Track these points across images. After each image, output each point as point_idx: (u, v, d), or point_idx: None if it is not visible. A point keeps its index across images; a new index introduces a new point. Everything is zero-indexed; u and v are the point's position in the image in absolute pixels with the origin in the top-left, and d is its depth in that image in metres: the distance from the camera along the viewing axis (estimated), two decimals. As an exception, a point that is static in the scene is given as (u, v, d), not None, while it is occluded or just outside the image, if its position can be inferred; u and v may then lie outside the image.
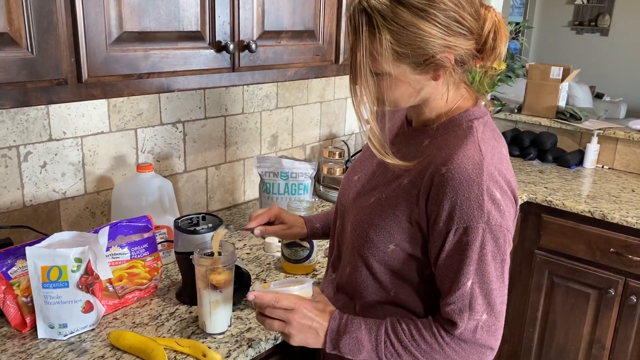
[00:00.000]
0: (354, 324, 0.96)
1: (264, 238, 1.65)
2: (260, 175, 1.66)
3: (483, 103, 0.97)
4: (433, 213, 0.89)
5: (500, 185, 0.88)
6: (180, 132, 1.71)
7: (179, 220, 1.28)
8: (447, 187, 0.87)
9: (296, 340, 0.98)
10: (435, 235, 0.90)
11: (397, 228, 0.94)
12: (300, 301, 0.98)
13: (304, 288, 1.01)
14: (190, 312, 1.25)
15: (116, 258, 1.24)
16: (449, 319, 0.92)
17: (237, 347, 1.13)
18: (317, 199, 2.00)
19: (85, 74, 1.03)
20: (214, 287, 1.12)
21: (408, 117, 1.05)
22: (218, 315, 1.15)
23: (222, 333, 1.17)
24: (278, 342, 1.20)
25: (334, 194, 2.00)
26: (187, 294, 1.28)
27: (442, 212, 0.88)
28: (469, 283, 0.89)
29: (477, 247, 0.87)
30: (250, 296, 0.98)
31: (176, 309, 1.26)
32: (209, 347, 1.11)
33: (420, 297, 0.99)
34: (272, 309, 0.97)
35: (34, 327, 1.15)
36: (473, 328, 0.91)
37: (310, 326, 0.97)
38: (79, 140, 1.47)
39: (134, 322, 1.20)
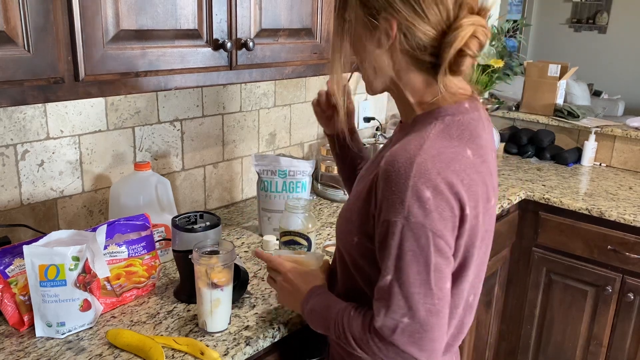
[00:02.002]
0: (320, 299, 1.02)
1: (261, 235, 1.65)
2: (258, 174, 1.66)
3: (467, 105, 0.92)
4: (377, 206, 0.89)
5: (434, 185, 0.82)
6: (178, 130, 1.71)
7: (177, 219, 1.28)
8: (381, 180, 0.86)
9: (280, 300, 1.16)
10: (375, 228, 0.91)
11: (358, 221, 0.94)
12: (289, 267, 1.11)
13: (305, 257, 1.14)
14: (188, 310, 1.25)
15: (114, 256, 1.24)
16: (375, 315, 0.91)
17: (235, 345, 1.13)
18: (315, 197, 2.00)
19: (82, 73, 1.03)
20: (215, 286, 1.13)
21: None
22: (219, 313, 1.15)
23: (223, 331, 1.17)
24: (276, 340, 1.20)
25: (332, 192, 2.00)
26: (185, 292, 1.28)
27: (377, 204, 0.88)
28: (388, 278, 0.86)
29: (396, 242, 0.84)
30: (257, 251, 1.14)
31: (174, 307, 1.26)
32: (207, 345, 1.11)
33: None
34: (269, 268, 1.14)
35: (31, 326, 1.15)
36: (392, 327, 0.87)
37: (290, 291, 1.09)
38: (76, 138, 1.47)
39: (131, 321, 1.20)
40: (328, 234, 1.69)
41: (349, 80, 1.15)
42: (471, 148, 0.89)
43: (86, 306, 1.15)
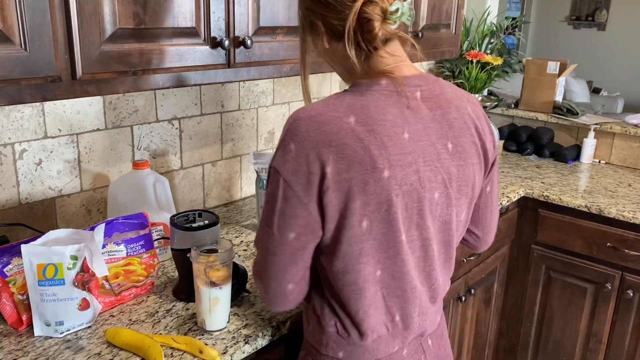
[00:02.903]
0: None
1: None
2: (256, 172, 1.66)
3: (384, 82, 0.95)
4: None
5: (300, 140, 0.89)
6: (177, 128, 1.71)
7: (175, 217, 1.28)
8: None
9: None
10: None
11: None
12: None
13: None
14: (187, 309, 1.25)
15: (112, 255, 1.24)
16: None
17: (234, 344, 1.13)
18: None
19: (79, 71, 1.03)
20: (213, 284, 1.12)
21: None
22: (217, 312, 1.15)
23: (221, 330, 1.17)
24: (275, 338, 1.20)
25: (331, 190, 1.99)
26: (184, 290, 1.28)
27: None
28: (261, 211, 1.00)
29: (267, 182, 0.96)
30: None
31: (173, 306, 1.26)
32: (206, 344, 1.11)
33: None
34: None
35: (30, 325, 1.15)
36: (255, 253, 1.02)
37: None
38: (74, 137, 1.46)
39: (130, 319, 1.20)
40: (327, 232, 1.69)
41: None
42: (357, 116, 0.91)
43: (85, 305, 1.14)
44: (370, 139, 0.89)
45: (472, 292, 2.09)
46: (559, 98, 2.84)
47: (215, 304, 1.14)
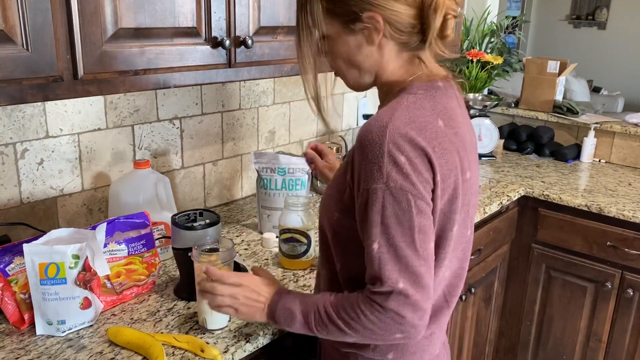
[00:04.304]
0: (290, 296, 0.99)
1: (260, 233, 1.66)
2: (257, 171, 1.66)
3: (440, 84, 0.94)
4: (354, 178, 0.90)
5: (404, 150, 0.84)
6: (177, 128, 1.71)
7: (176, 217, 1.28)
8: (356, 150, 0.88)
9: (243, 314, 1.03)
10: (355, 199, 0.91)
11: (338, 194, 0.95)
12: (247, 278, 1.04)
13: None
14: (189, 308, 1.25)
15: (114, 254, 1.24)
16: (367, 287, 0.90)
17: (235, 342, 1.13)
18: (314, 195, 2.01)
19: (81, 71, 1.03)
20: (214, 283, 1.13)
21: None
22: (218, 310, 1.16)
23: (222, 328, 1.17)
24: (276, 337, 1.20)
25: (331, 189, 2.00)
26: (185, 289, 1.28)
27: (355, 175, 0.89)
28: (375, 246, 0.86)
29: (379, 208, 0.85)
30: (203, 267, 1.06)
31: (174, 305, 1.27)
32: (207, 343, 1.11)
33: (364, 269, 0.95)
34: (220, 285, 1.03)
35: (32, 324, 1.15)
36: (387, 293, 0.86)
37: (257, 300, 1.01)
38: (75, 137, 1.47)
39: (132, 318, 1.21)
40: (327, 231, 1.69)
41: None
42: (443, 119, 0.90)
43: (86, 304, 1.15)
44: (457, 141, 0.89)
45: (473, 291, 2.10)
46: (559, 97, 2.84)
47: (217, 303, 1.14)
